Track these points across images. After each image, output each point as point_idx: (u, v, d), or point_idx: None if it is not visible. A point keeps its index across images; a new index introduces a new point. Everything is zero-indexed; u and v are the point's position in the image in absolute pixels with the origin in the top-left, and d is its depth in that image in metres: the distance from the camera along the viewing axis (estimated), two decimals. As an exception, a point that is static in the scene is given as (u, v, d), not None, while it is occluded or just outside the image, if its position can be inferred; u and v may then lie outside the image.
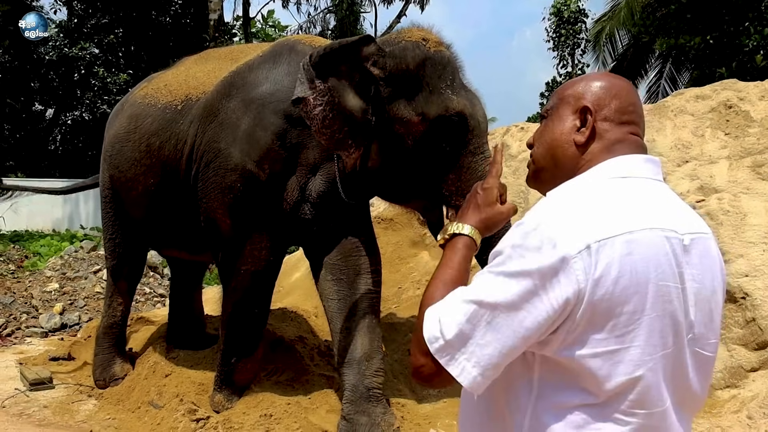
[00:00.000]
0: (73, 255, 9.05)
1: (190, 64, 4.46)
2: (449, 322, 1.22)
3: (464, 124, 3.29)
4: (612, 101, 1.39)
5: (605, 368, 1.20)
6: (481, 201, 1.48)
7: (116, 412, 4.38)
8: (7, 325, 6.85)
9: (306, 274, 5.89)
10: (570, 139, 1.40)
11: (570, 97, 1.43)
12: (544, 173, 1.47)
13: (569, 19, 21.70)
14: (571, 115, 1.41)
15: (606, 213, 1.22)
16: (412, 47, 3.33)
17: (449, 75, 3.32)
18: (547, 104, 1.50)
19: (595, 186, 1.31)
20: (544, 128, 1.46)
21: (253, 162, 3.60)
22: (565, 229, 1.19)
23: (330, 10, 25.22)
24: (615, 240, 1.18)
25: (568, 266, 1.16)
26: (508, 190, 1.60)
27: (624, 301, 1.18)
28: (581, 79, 1.47)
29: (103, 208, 4.86)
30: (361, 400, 3.60)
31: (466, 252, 1.41)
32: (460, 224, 1.45)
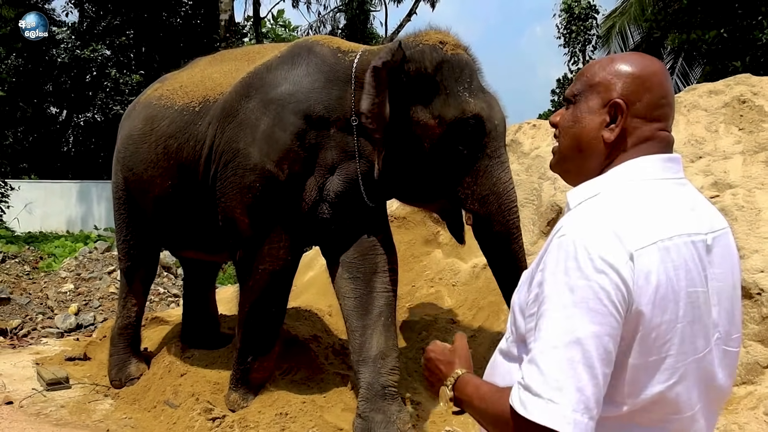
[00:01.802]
0: (88, 256, 9.09)
1: (205, 65, 4.46)
2: (539, 383, 1.13)
3: (481, 127, 3.32)
4: (644, 95, 1.33)
5: (643, 379, 1.21)
6: (443, 357, 1.49)
7: (132, 412, 4.40)
8: (23, 326, 6.90)
9: (320, 272, 5.90)
10: (598, 135, 1.35)
11: (600, 86, 1.36)
12: (569, 164, 1.44)
13: (580, 15, 21.61)
14: (600, 107, 1.35)
15: (638, 221, 1.22)
16: (429, 50, 3.36)
17: (467, 78, 3.34)
18: (573, 86, 1.44)
19: (623, 192, 1.28)
20: (572, 117, 1.40)
21: (272, 162, 3.61)
22: (607, 243, 1.17)
23: (340, 9, 25.25)
24: (651, 249, 1.19)
25: (619, 277, 1.16)
26: (521, 188, 1.62)
27: (662, 311, 1.19)
28: (611, 60, 1.39)
29: (116, 210, 4.88)
30: (376, 398, 3.60)
31: (475, 377, 1.40)
32: (446, 382, 1.42)
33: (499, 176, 3.40)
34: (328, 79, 3.61)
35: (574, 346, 1.13)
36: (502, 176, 3.41)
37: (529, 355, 1.18)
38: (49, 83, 19.88)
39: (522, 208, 5.17)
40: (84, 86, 19.15)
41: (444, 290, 5.18)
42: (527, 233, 5.06)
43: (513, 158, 5.62)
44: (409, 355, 4.41)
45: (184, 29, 19.72)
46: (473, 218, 3.49)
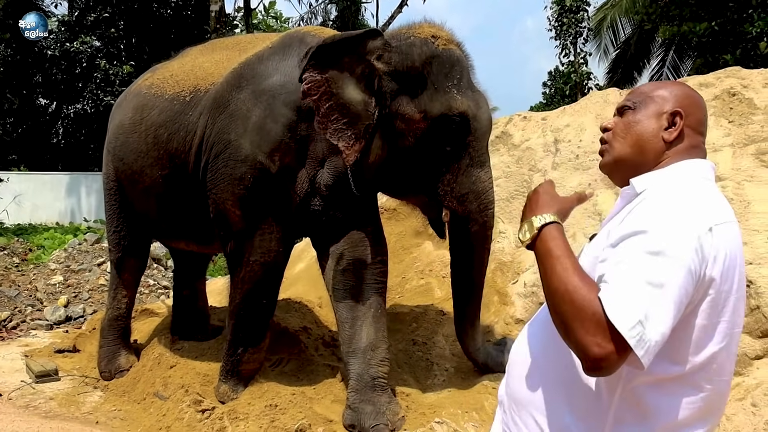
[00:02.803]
0: (77, 248, 9.06)
1: (196, 54, 4.43)
2: (633, 306, 1.26)
3: (466, 126, 3.31)
4: (696, 112, 1.58)
5: (704, 339, 1.39)
6: (547, 194, 1.60)
7: (122, 404, 4.39)
8: (12, 318, 6.87)
9: (309, 264, 5.90)
10: (659, 135, 1.56)
11: (659, 98, 1.59)
12: (625, 163, 1.61)
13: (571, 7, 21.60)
14: (660, 113, 1.57)
15: (710, 203, 1.41)
16: (419, 44, 3.33)
17: (457, 74, 3.31)
18: (629, 98, 1.64)
19: (693, 182, 1.48)
20: (633, 120, 1.60)
21: (263, 153, 3.60)
22: (691, 213, 1.36)
23: (331, 1, 25.14)
24: (724, 226, 1.39)
25: (700, 244, 1.33)
26: (511, 179, 1.69)
27: (725, 280, 1.38)
28: (665, 84, 1.64)
29: (106, 201, 4.85)
30: (366, 389, 3.60)
31: (564, 236, 1.48)
32: (540, 216, 1.51)
33: (479, 175, 3.42)
34: None
35: (662, 289, 1.28)
36: (482, 176, 3.43)
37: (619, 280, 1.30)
38: (39, 74, 19.75)
39: (512, 200, 5.19)
40: (74, 77, 19.03)
41: (434, 282, 5.18)
42: (517, 225, 5.06)
43: (503, 150, 5.63)
44: (399, 347, 4.41)
45: (174, 20, 19.61)
46: (450, 216, 3.50)
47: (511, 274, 4.77)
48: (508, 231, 5.06)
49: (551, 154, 5.15)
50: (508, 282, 4.72)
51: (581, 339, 1.29)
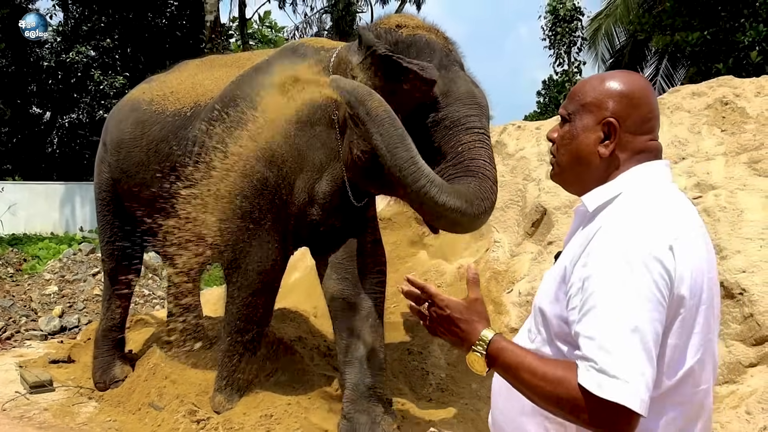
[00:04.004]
0: (72, 258, 9.04)
1: (194, 70, 4.47)
2: (620, 374, 1.24)
3: (434, 104, 3.09)
4: (633, 111, 1.49)
5: (679, 357, 1.37)
6: (460, 315, 1.51)
7: (117, 414, 4.38)
8: (6, 329, 6.84)
9: (305, 274, 5.90)
10: (595, 150, 1.51)
11: (592, 105, 1.51)
12: (569, 176, 1.60)
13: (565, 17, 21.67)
14: (594, 125, 1.51)
15: (666, 217, 1.38)
16: (383, 34, 3.26)
17: (426, 57, 3.15)
18: (566, 106, 1.58)
19: (644, 193, 1.44)
20: (569, 135, 1.55)
21: (261, 164, 3.61)
22: (648, 239, 1.33)
23: (326, 11, 25.24)
24: (684, 239, 1.36)
25: (665, 268, 1.31)
26: (506, 189, 1.67)
27: (694, 294, 1.36)
28: (600, 80, 1.55)
29: (99, 211, 4.86)
30: (361, 399, 3.60)
31: (509, 342, 1.45)
32: (475, 346, 1.46)
33: (460, 138, 3.06)
34: None
35: (634, 333, 1.26)
36: (464, 137, 3.05)
37: (595, 342, 1.28)
38: (34, 84, 19.75)
39: (507, 209, 5.20)
40: (69, 88, 19.03)
41: (430, 291, 5.18)
42: (512, 234, 5.09)
43: (498, 159, 5.63)
44: (395, 356, 4.42)
45: (169, 31, 19.64)
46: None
47: (506, 283, 4.78)
48: (502, 240, 5.08)
49: (545, 164, 5.17)
50: (503, 291, 4.73)
51: (593, 427, 1.28)
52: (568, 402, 1.29)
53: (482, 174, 2.98)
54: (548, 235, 4.74)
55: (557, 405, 1.32)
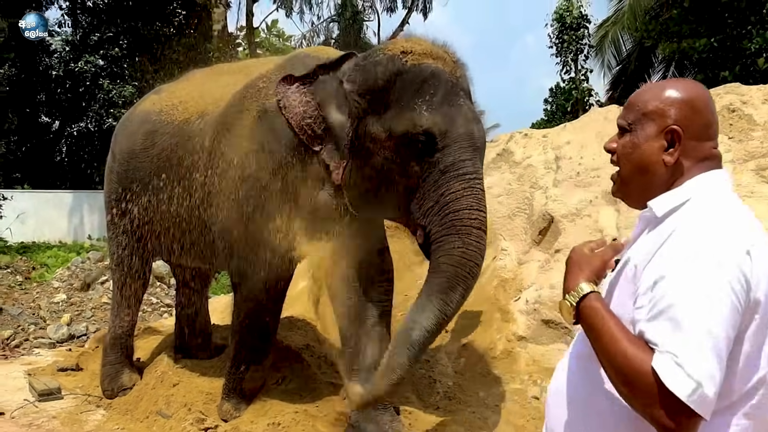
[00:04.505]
0: (80, 266, 9.09)
1: (203, 79, 4.50)
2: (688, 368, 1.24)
3: (432, 143, 3.08)
4: (696, 118, 1.49)
5: (750, 365, 1.36)
6: (580, 259, 1.55)
7: (125, 422, 4.39)
8: (15, 337, 6.88)
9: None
10: (659, 159, 1.50)
11: (654, 114, 1.51)
12: (632, 187, 1.59)
13: (572, 25, 21.63)
14: (657, 133, 1.50)
15: (739, 224, 1.39)
16: (385, 61, 3.21)
17: (429, 90, 3.11)
18: (625, 115, 1.58)
19: (715, 199, 1.44)
20: (631, 145, 1.55)
21: (267, 172, 3.62)
22: (726, 243, 1.33)
23: (333, 19, 25.34)
24: (759, 246, 1.35)
25: (742, 272, 1.30)
26: (513, 197, 1.66)
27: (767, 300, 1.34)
28: (660, 88, 1.54)
29: (109, 220, 4.89)
30: (368, 407, 3.60)
31: (601, 301, 1.45)
32: (573, 292, 1.48)
33: (450, 186, 3.07)
34: None
35: (709, 335, 1.25)
36: (454, 186, 3.07)
37: (671, 339, 1.27)
38: (43, 93, 19.85)
39: (514, 217, 5.20)
40: (78, 97, 19.12)
41: (437, 299, 5.17)
42: (519, 242, 5.08)
43: (505, 167, 5.65)
44: (402, 365, 4.40)
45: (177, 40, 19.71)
46: (423, 236, 3.21)
47: (513, 291, 4.77)
48: (509, 248, 5.07)
49: (552, 171, 5.17)
50: (510, 299, 4.72)
51: (650, 413, 1.28)
52: (635, 382, 1.29)
53: (466, 229, 3.05)
54: (555, 242, 4.73)
55: (624, 382, 1.32)
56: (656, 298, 1.32)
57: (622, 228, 4.45)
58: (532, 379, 4.16)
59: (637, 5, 15.45)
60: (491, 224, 5.18)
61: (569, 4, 21.70)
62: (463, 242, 3.03)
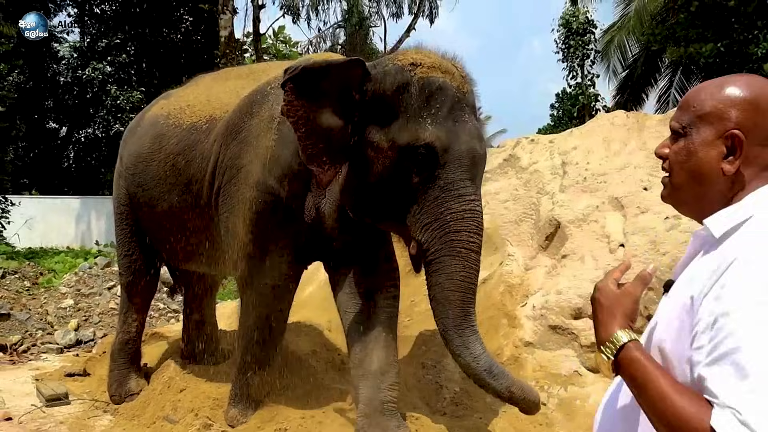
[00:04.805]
0: (88, 271, 9.11)
1: (210, 83, 4.51)
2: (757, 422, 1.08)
3: (433, 157, 3.09)
4: (761, 120, 1.31)
5: None
6: (608, 301, 1.39)
7: (132, 428, 4.40)
8: (22, 342, 6.90)
9: (319, 288, 5.91)
10: (717, 168, 1.33)
11: (711, 116, 1.33)
12: (685, 195, 1.41)
13: (578, 30, 21.67)
14: (715, 138, 1.33)
15: None
16: (394, 72, 3.22)
17: (436, 104, 3.13)
18: (679, 117, 1.41)
19: None
20: (685, 151, 1.38)
21: (274, 178, 3.63)
22: None
23: (340, 25, 25.40)
24: None
25: None
26: (519, 202, 1.60)
27: None
28: (718, 86, 1.36)
29: (117, 225, 4.91)
30: (375, 413, 3.59)
31: (644, 354, 1.29)
32: (609, 343, 1.33)
33: (450, 206, 3.10)
34: None
35: None
36: (454, 206, 3.11)
37: (737, 389, 1.11)
38: (51, 100, 19.98)
39: (520, 222, 5.20)
40: (85, 103, 19.25)
41: (443, 305, 5.17)
42: (526, 248, 5.08)
43: (511, 173, 5.65)
44: (409, 370, 4.40)
45: (184, 46, 19.82)
46: (417, 248, 3.22)
47: (520, 296, 4.77)
48: (516, 254, 5.07)
49: (559, 177, 5.17)
50: (517, 305, 4.72)
51: None
52: None
53: (466, 252, 3.12)
54: (562, 248, 4.73)
55: None
56: (718, 339, 1.16)
57: (629, 234, 4.44)
58: (539, 384, 4.15)
59: (643, 10, 15.48)
60: (498, 229, 5.19)
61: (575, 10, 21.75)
62: (463, 266, 3.11)
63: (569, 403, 4.03)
